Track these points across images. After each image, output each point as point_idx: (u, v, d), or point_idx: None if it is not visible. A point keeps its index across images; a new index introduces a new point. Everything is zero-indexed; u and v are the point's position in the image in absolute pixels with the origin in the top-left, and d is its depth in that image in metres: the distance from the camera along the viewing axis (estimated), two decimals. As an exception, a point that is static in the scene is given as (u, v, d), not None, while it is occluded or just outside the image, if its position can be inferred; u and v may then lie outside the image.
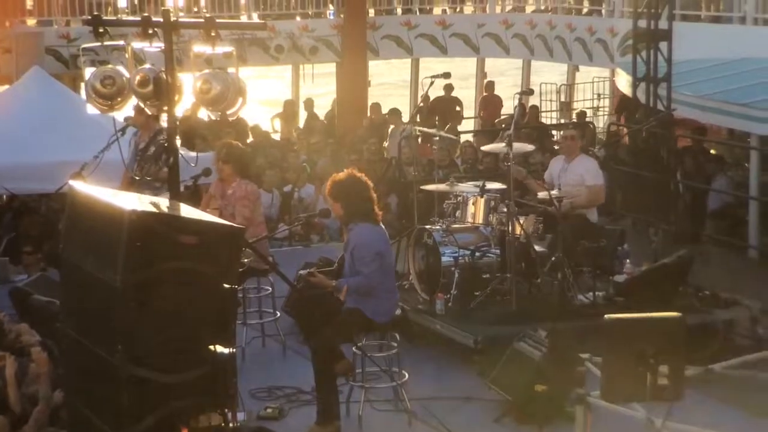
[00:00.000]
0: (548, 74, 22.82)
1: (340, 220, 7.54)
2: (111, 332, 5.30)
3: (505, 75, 24.11)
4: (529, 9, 19.82)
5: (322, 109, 19.60)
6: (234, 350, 5.60)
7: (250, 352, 8.47)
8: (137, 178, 8.64)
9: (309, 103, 18.87)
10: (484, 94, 20.01)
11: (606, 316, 5.24)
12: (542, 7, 19.89)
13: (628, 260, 9.69)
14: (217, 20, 6.50)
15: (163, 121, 6.57)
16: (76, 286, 5.79)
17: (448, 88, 19.06)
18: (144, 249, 5.23)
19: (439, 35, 18.64)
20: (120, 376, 5.23)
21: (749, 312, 9.09)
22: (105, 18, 7.03)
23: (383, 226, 7.36)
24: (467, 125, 19.94)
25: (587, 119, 18.82)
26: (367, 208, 7.21)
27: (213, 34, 6.25)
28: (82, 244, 5.68)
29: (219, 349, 5.45)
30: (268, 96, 24.12)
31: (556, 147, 14.99)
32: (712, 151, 14.85)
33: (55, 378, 6.50)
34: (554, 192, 9.20)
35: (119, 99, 6.54)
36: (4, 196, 12.67)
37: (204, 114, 6.71)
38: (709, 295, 9.27)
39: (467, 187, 9.34)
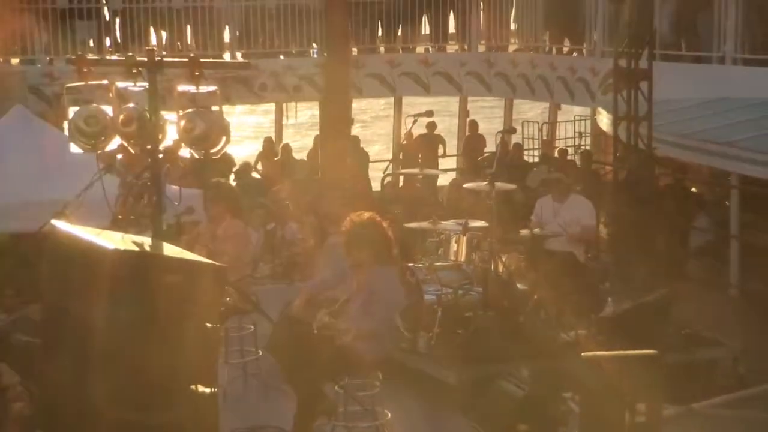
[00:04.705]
0: (530, 112, 22.99)
1: (357, 264, 7.35)
2: (93, 373, 5.28)
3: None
4: (511, 48, 19.96)
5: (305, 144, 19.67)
6: (215, 390, 5.58)
7: (232, 392, 8.43)
8: (120, 217, 8.60)
9: (286, 148, 18.98)
10: (468, 133, 20.11)
11: (583, 354, 5.27)
12: (524, 47, 20.04)
13: (610, 298, 9.73)
14: (201, 59, 6.52)
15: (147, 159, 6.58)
16: (57, 325, 5.77)
17: (431, 125, 19.15)
18: (127, 288, 5.22)
19: (422, 73, 18.76)
20: (102, 417, 5.20)
21: (731, 351, 9.13)
22: (89, 57, 7.05)
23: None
24: (450, 163, 20.03)
25: (569, 157, 18.91)
26: (388, 251, 7.19)
27: (197, 73, 6.28)
28: (63, 283, 5.66)
29: (200, 388, 5.43)
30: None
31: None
32: (693, 190, 14.94)
33: (35, 419, 6.45)
34: (536, 230, 9.26)
35: (103, 138, 6.54)
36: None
37: (186, 152, 6.71)
38: (690, 333, 9.31)
39: (450, 225, 9.37)
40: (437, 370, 8.47)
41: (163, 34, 17.95)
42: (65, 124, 6.72)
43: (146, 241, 5.93)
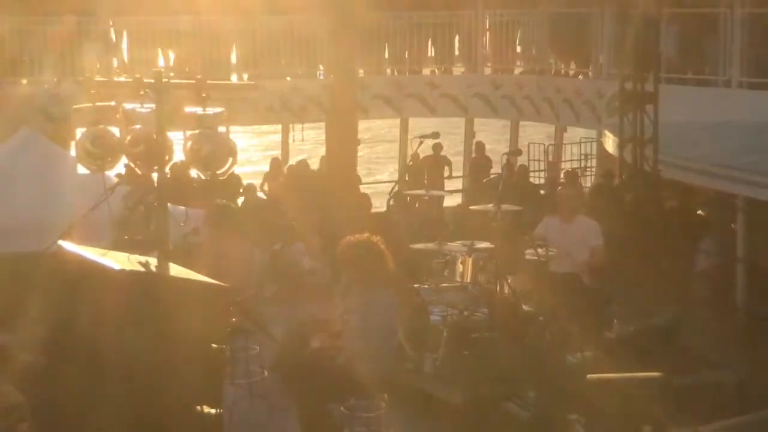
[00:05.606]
0: (536, 134, 23.01)
1: (356, 282, 7.37)
2: (98, 392, 5.28)
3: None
4: (517, 71, 20.01)
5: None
6: (221, 410, 5.58)
7: (237, 412, 8.41)
8: (126, 237, 8.63)
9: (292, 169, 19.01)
10: (474, 155, 20.14)
11: (589, 375, 5.26)
12: (530, 69, 20.08)
13: (616, 320, 9.71)
14: (208, 81, 6.55)
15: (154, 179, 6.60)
16: (62, 345, 5.78)
17: (437, 147, 19.17)
18: (132, 309, 5.23)
19: (428, 95, 18.81)
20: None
21: (737, 374, 9.10)
22: (96, 79, 7.08)
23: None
24: (457, 184, 20.06)
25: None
26: (380, 272, 7.19)
27: (204, 94, 6.31)
28: (69, 303, 5.67)
29: (206, 409, 5.43)
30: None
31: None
32: (699, 212, 14.93)
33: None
34: (541, 251, 9.25)
35: (110, 159, 6.56)
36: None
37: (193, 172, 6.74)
38: (697, 356, 9.28)
39: (456, 246, 9.37)
40: (443, 391, 8.45)
41: (171, 55, 18.03)
42: (72, 145, 6.75)
43: (152, 261, 5.94)
